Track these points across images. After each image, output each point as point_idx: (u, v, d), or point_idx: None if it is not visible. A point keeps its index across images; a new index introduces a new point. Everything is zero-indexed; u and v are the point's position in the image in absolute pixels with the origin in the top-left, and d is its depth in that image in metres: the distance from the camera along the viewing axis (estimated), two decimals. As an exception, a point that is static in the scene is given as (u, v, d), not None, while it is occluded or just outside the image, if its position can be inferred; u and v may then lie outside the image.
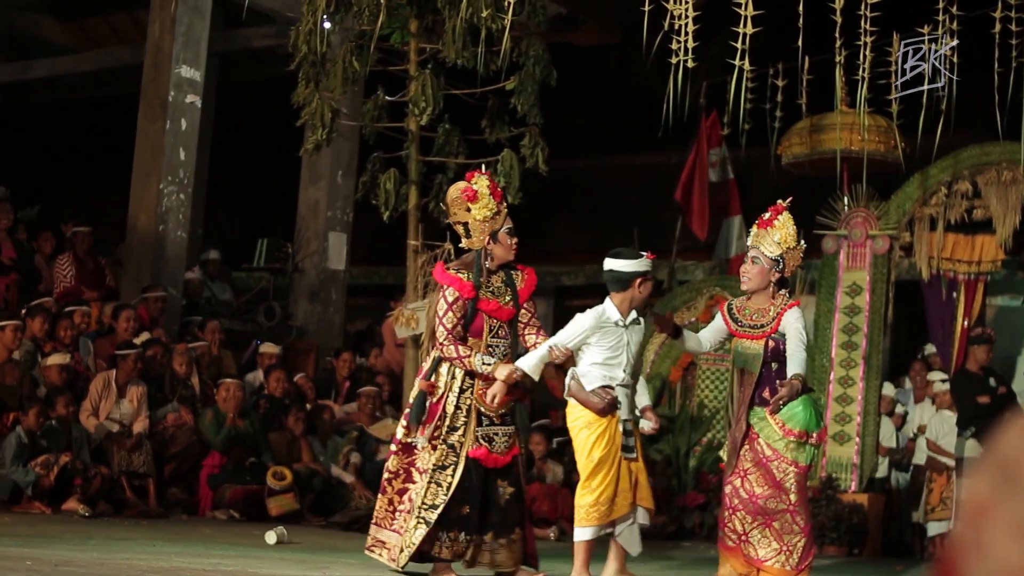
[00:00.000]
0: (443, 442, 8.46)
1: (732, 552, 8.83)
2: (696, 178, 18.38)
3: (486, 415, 8.50)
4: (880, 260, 14.50)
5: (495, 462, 8.51)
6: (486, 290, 8.55)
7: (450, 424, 8.48)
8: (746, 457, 8.74)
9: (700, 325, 16.13)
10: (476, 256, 8.57)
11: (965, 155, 14.31)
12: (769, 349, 8.63)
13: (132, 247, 16.68)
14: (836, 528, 13.65)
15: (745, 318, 8.76)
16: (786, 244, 8.69)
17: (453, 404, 8.49)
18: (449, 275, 8.54)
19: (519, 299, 8.67)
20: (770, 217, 8.76)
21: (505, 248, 8.57)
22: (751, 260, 8.72)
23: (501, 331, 8.58)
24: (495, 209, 8.50)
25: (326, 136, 12.21)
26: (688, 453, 15.54)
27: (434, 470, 8.43)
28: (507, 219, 8.58)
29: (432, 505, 8.37)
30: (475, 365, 8.38)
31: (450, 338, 8.44)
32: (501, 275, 8.66)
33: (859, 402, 14.38)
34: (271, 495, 13.38)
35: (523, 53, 12.14)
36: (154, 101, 16.85)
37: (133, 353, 13.65)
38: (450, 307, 8.46)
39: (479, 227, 8.53)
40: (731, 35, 10.19)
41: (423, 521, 8.35)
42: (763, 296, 8.72)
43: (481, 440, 8.47)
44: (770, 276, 8.67)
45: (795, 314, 8.59)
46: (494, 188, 8.59)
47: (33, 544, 8.74)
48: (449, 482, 8.40)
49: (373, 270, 23.21)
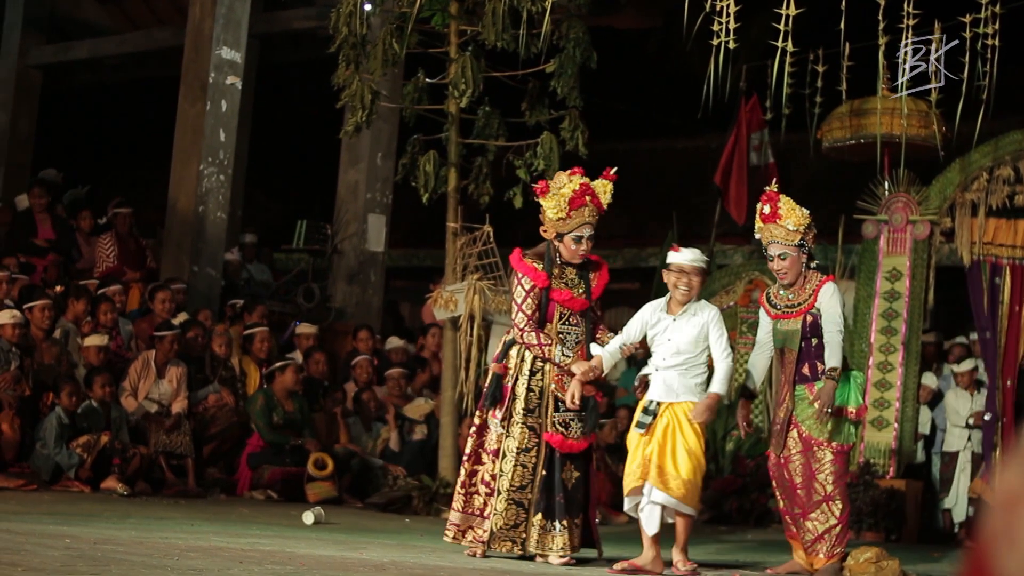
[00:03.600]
0: (523, 424, 8.59)
1: (795, 539, 8.94)
2: (735, 162, 18.33)
3: (563, 401, 8.62)
4: (920, 245, 14.42)
5: (570, 448, 8.63)
6: (559, 280, 8.73)
7: (525, 407, 8.61)
8: (789, 443, 8.78)
9: (739, 309, 16.17)
10: (547, 246, 8.76)
11: (1007, 140, 14.22)
12: (808, 324, 8.67)
13: (172, 228, 16.74)
14: (873, 514, 13.60)
15: (781, 300, 8.80)
16: (801, 226, 8.67)
17: (524, 386, 8.66)
18: (524, 264, 8.73)
19: (592, 292, 8.82)
20: (772, 210, 8.72)
21: (569, 252, 8.73)
22: (779, 258, 8.71)
23: (572, 319, 8.75)
24: (564, 214, 8.60)
25: (366, 118, 12.21)
26: (725, 437, 15.50)
27: (519, 452, 8.59)
28: (582, 227, 8.64)
29: (520, 487, 8.56)
30: (554, 355, 8.57)
31: (530, 324, 8.63)
32: (575, 268, 8.78)
33: (898, 388, 14.31)
34: (310, 481, 13.41)
35: (563, 36, 12.12)
36: (194, 83, 16.90)
37: (171, 334, 13.68)
38: (528, 294, 8.66)
39: (548, 222, 8.68)
40: (772, 17, 10.15)
41: (513, 503, 8.56)
42: (798, 278, 8.76)
43: (558, 426, 8.60)
44: (801, 260, 8.71)
45: (830, 290, 8.62)
46: (579, 194, 8.62)
47: (72, 522, 8.79)
48: (534, 463, 8.59)
49: (412, 252, 23.25)
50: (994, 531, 1.54)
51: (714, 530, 13.87)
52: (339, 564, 7.36)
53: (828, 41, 12.36)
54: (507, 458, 8.62)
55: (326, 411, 14.53)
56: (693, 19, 10.06)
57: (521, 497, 8.58)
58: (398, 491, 13.26)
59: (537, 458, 8.60)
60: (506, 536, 8.60)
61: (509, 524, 8.58)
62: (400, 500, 13.00)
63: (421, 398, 15.30)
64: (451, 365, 12.21)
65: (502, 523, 8.58)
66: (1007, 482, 1.54)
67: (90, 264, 16.11)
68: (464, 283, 11.92)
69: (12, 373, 12.41)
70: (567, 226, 8.62)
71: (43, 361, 12.91)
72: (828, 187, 19.63)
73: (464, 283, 11.92)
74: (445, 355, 12.48)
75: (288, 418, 13.84)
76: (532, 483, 8.58)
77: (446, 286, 12.19)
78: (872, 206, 14.64)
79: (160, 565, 6.49)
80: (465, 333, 11.98)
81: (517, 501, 8.57)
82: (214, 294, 16.55)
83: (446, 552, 8.70)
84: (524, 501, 8.58)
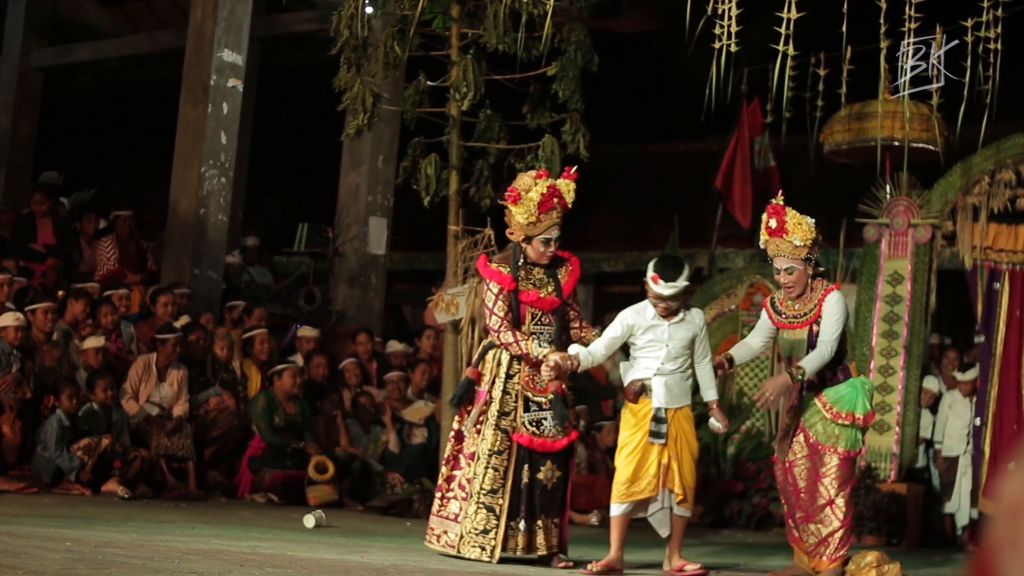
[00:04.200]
0: (496, 427, 8.63)
1: (797, 543, 8.98)
2: (737, 166, 18.33)
3: (534, 401, 8.71)
4: (922, 249, 14.41)
5: (542, 446, 8.65)
6: (526, 281, 8.81)
7: (500, 409, 8.68)
8: (795, 448, 8.79)
9: (740, 313, 16.16)
10: (513, 249, 8.85)
11: (1008, 144, 14.21)
12: (814, 334, 8.69)
13: (173, 231, 16.74)
14: (875, 518, 13.60)
15: (787, 309, 8.82)
16: (808, 240, 8.66)
17: (501, 389, 8.73)
18: (489, 269, 8.85)
19: (562, 290, 8.85)
20: (779, 225, 8.70)
21: (536, 253, 8.83)
22: (786, 272, 8.71)
23: (544, 319, 8.84)
24: (534, 218, 8.69)
25: (367, 121, 12.19)
26: (727, 441, 15.49)
27: (490, 455, 8.63)
28: (551, 229, 8.72)
29: (491, 490, 8.57)
30: (531, 349, 8.62)
31: (505, 324, 8.72)
32: (543, 267, 8.80)
33: (899, 391, 14.31)
34: (311, 484, 13.40)
35: (565, 39, 12.10)
36: (196, 85, 16.89)
37: (173, 337, 13.68)
38: (497, 298, 8.75)
39: (517, 226, 8.78)
40: (773, 21, 10.15)
41: (483, 507, 8.59)
42: (805, 290, 8.78)
43: (528, 425, 8.63)
44: (807, 273, 8.71)
45: (834, 298, 8.64)
46: (547, 198, 8.68)
47: (73, 525, 8.79)
48: (506, 467, 8.62)
49: (413, 255, 23.25)
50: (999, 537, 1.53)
51: (715, 533, 13.87)
52: (340, 567, 7.36)
53: (829, 45, 12.35)
54: (480, 461, 8.67)
55: (324, 414, 14.52)
56: (695, 22, 10.06)
57: (492, 502, 8.60)
58: (399, 495, 13.27)
59: (509, 461, 8.64)
60: (475, 541, 8.61)
61: (478, 529, 8.60)
62: (401, 503, 12.99)
63: (421, 401, 15.28)
64: (452, 368, 12.19)
65: (470, 526, 8.62)
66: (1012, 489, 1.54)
67: (92, 267, 16.11)
68: (465, 286, 11.90)
69: (13, 376, 12.41)
70: (536, 229, 8.74)
71: (44, 364, 12.91)
72: (829, 191, 19.64)
73: (465, 286, 11.90)
74: (446, 358, 12.46)
75: (289, 420, 13.84)
76: (503, 487, 8.61)
77: (447, 289, 12.18)
78: (873, 210, 14.64)
79: (161, 568, 6.48)
80: (466, 336, 11.96)
81: (488, 506, 8.60)
82: (215, 297, 16.54)
83: (447, 556, 8.70)
84: (495, 506, 8.61)
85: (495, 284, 8.75)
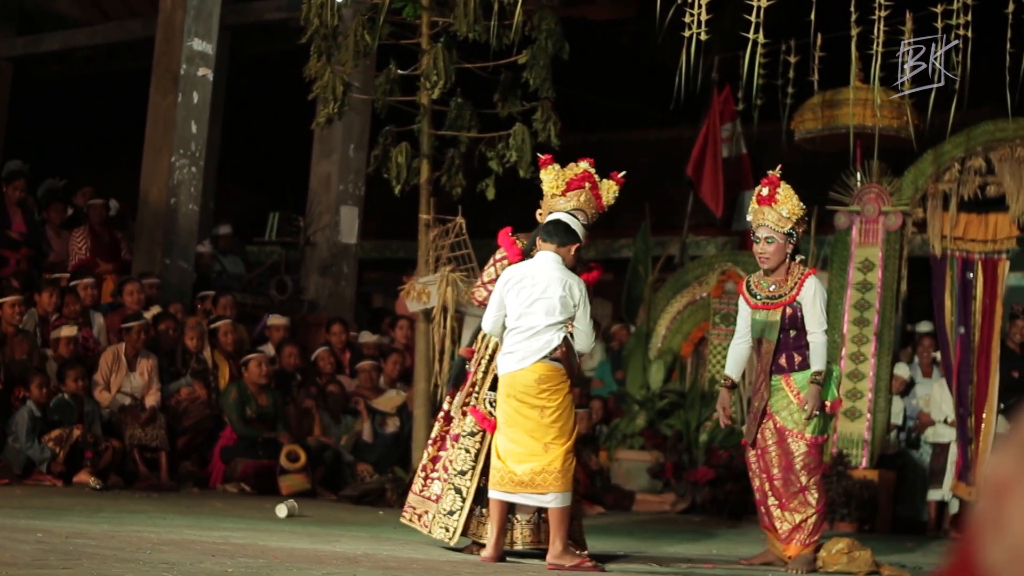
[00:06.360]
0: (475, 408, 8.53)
1: (770, 530, 8.97)
2: (708, 153, 18.34)
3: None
4: (893, 236, 14.44)
5: (493, 427, 8.51)
6: None
7: (478, 391, 8.54)
8: (764, 434, 8.80)
9: (712, 301, 16.18)
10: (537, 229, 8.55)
11: (978, 131, 14.23)
12: (787, 316, 8.70)
13: (144, 220, 16.68)
14: (847, 504, 13.63)
15: (762, 291, 8.81)
16: (795, 215, 8.69)
17: (482, 371, 8.59)
18: (507, 238, 8.74)
19: None
20: (770, 193, 8.73)
21: None
22: (765, 240, 8.71)
23: None
24: (559, 191, 8.51)
25: (338, 110, 12.17)
26: (699, 428, 15.52)
27: (464, 436, 8.52)
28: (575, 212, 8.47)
29: (460, 471, 8.46)
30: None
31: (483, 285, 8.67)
32: None
33: (871, 378, 14.33)
34: (283, 473, 13.39)
35: (536, 27, 12.09)
36: (166, 74, 16.83)
37: (137, 325, 13.59)
38: (493, 264, 8.69)
39: (544, 201, 8.65)
40: (743, 8, 10.15)
41: (452, 487, 8.46)
42: (780, 268, 8.77)
43: (487, 405, 8.50)
44: (786, 250, 8.72)
45: (813, 284, 8.65)
46: (580, 178, 8.56)
47: (44, 516, 8.75)
48: (478, 449, 8.45)
49: (384, 244, 23.21)
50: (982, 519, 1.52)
51: (687, 521, 13.89)
52: (312, 557, 7.34)
53: (800, 32, 12.36)
54: (460, 441, 8.59)
55: (297, 403, 14.50)
56: (665, 10, 10.05)
57: (460, 483, 8.42)
58: (371, 484, 13.26)
59: (482, 444, 8.45)
60: (442, 522, 8.49)
61: (445, 510, 8.48)
62: (373, 492, 12.98)
63: (393, 390, 15.27)
64: (424, 357, 12.19)
65: (441, 507, 8.52)
66: (997, 469, 1.53)
67: (62, 257, 16.03)
68: (437, 275, 11.90)
69: (-17, 367, 12.36)
70: (559, 205, 8.51)
71: (14, 356, 12.85)
72: (800, 178, 19.54)
73: (437, 275, 11.90)
74: (418, 347, 12.46)
75: (262, 412, 13.81)
76: (473, 470, 8.42)
77: (419, 278, 12.17)
78: (844, 197, 14.66)
79: (132, 559, 6.46)
80: (438, 325, 11.95)
81: (456, 487, 8.43)
82: (186, 287, 16.50)
83: (419, 544, 8.68)
84: (463, 488, 8.41)
85: (501, 251, 8.67)
